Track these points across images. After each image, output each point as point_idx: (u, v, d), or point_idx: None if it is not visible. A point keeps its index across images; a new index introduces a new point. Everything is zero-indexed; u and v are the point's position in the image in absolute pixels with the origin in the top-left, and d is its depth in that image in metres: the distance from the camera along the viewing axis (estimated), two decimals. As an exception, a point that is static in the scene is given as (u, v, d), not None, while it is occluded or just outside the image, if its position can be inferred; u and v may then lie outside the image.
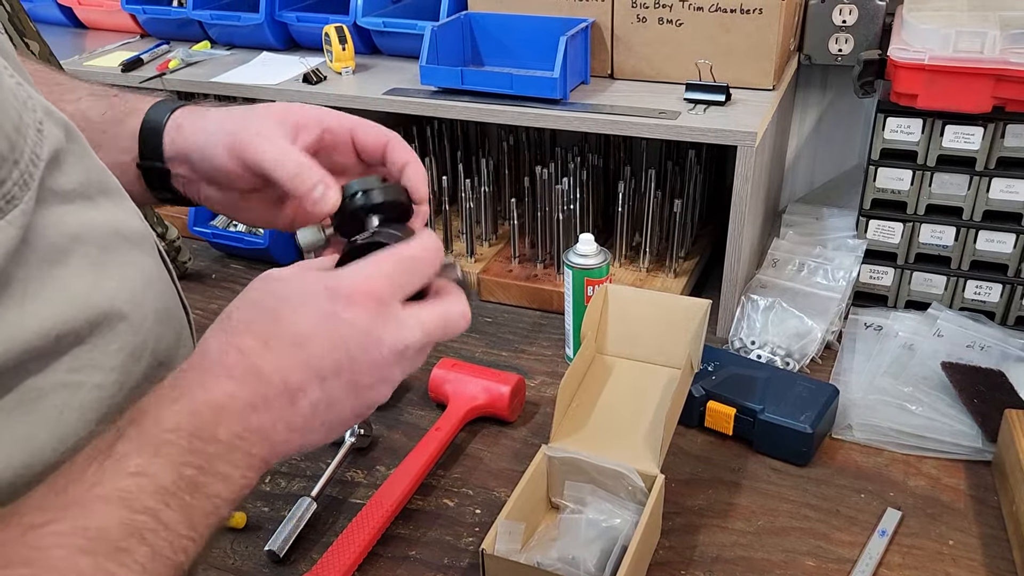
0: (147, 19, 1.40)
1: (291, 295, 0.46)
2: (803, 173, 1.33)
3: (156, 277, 0.50)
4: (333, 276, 0.47)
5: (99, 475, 0.39)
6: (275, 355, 0.44)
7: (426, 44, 1.06)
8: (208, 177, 0.58)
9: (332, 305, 0.45)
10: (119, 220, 0.48)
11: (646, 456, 0.75)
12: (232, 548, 0.78)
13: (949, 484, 0.81)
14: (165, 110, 0.58)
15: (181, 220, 1.29)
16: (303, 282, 0.47)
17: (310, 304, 0.46)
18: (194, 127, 0.57)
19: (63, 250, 0.43)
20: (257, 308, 0.46)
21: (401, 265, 0.48)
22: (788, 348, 0.98)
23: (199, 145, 0.57)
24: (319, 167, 0.54)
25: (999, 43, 0.88)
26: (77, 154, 0.46)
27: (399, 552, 0.77)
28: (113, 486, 0.38)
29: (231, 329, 0.45)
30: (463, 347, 1.05)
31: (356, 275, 0.47)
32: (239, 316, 0.46)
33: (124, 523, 0.38)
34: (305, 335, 0.45)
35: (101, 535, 0.37)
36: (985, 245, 0.99)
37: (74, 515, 0.37)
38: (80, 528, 0.37)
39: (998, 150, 0.94)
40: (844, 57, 1.14)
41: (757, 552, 0.75)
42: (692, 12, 1.02)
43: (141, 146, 0.58)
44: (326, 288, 0.46)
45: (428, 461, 0.84)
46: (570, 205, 1.10)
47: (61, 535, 0.36)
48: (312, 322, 0.45)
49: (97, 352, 0.44)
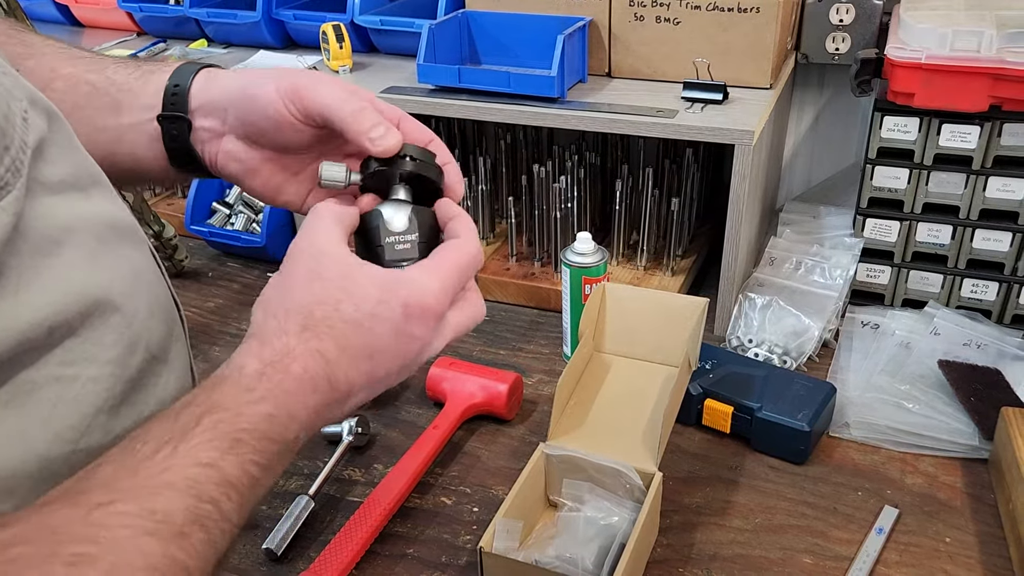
0: (144, 17, 1.39)
1: (375, 310, 0.49)
2: (800, 172, 1.33)
3: (146, 270, 0.50)
4: (408, 289, 0.50)
5: (171, 460, 0.40)
6: (349, 364, 0.48)
7: (423, 42, 1.06)
8: (245, 126, 0.56)
9: (406, 324, 0.49)
10: (111, 213, 0.48)
11: (644, 454, 0.75)
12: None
13: (946, 482, 0.82)
14: (193, 68, 0.58)
15: (178, 218, 1.29)
16: (382, 293, 0.49)
17: (388, 321, 0.49)
18: (231, 76, 0.57)
19: (56, 241, 0.42)
20: (342, 315, 0.48)
21: (461, 273, 0.52)
22: (785, 346, 0.98)
23: (240, 87, 0.56)
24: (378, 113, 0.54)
25: (996, 42, 0.89)
26: (61, 144, 0.45)
27: (397, 550, 0.77)
28: (183, 474, 0.40)
29: (316, 333, 0.47)
30: (461, 345, 1.05)
31: (427, 291, 0.50)
32: (322, 316, 0.48)
33: (189, 509, 0.39)
34: (378, 349, 0.49)
35: (167, 519, 0.38)
36: (982, 244, 1.00)
37: (142, 497, 0.38)
38: (147, 510, 0.38)
39: (995, 149, 0.95)
40: (841, 56, 1.14)
41: (755, 550, 0.75)
42: (690, 11, 1.02)
43: (166, 99, 0.57)
44: (404, 306, 0.49)
45: (426, 459, 0.84)
46: (567, 203, 1.10)
47: (128, 515, 0.37)
48: (387, 340, 0.49)
49: (90, 345, 0.44)
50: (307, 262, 0.50)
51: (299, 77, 0.54)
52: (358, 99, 0.54)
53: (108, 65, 0.59)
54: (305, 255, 0.50)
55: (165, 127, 0.57)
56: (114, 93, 0.57)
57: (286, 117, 0.54)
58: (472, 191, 1.18)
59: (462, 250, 0.53)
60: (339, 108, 0.53)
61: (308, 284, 0.49)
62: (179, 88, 0.57)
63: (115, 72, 0.58)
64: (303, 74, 0.55)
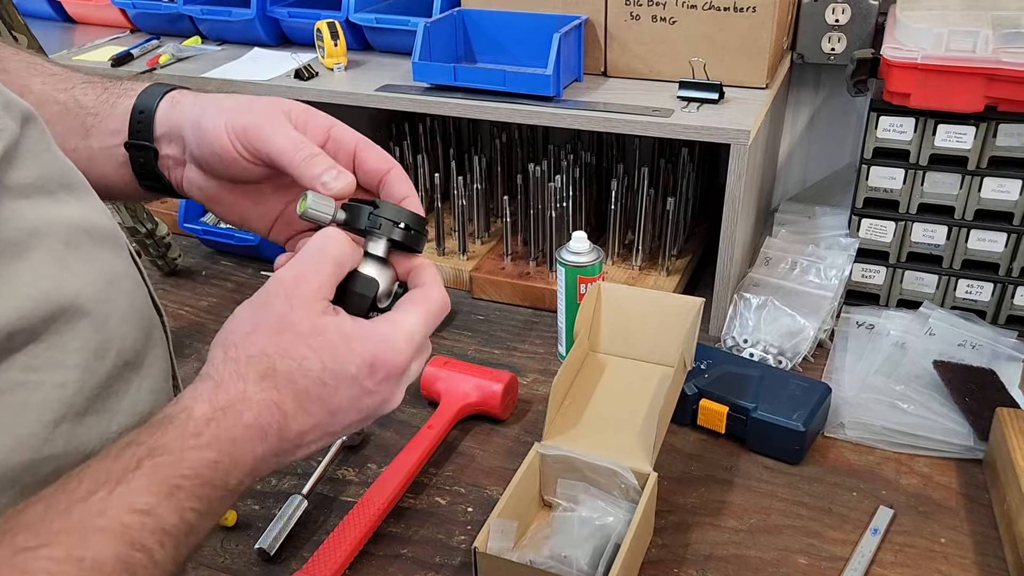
0: (137, 14, 1.39)
1: (344, 369, 0.47)
2: (796, 172, 1.33)
3: (123, 275, 0.49)
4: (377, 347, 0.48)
5: (105, 503, 0.38)
6: (305, 418, 0.47)
7: (419, 40, 1.06)
8: (197, 158, 0.56)
9: (371, 380, 0.48)
10: (83, 217, 0.47)
11: (639, 454, 0.75)
12: (222, 546, 0.77)
13: (941, 482, 0.82)
14: (159, 91, 0.57)
15: (171, 216, 1.28)
16: (351, 351, 0.47)
17: (352, 380, 0.48)
18: (191, 103, 0.56)
19: (21, 244, 0.42)
20: (305, 370, 0.46)
21: (429, 326, 0.51)
22: (780, 346, 0.98)
23: (194, 120, 0.55)
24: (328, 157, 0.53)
25: (991, 42, 0.89)
26: (32, 149, 0.45)
27: (391, 550, 0.77)
28: (118, 519, 0.38)
29: (276, 385, 0.46)
30: (455, 345, 1.05)
31: (396, 348, 0.49)
32: (286, 370, 0.46)
33: (120, 557, 0.38)
34: (338, 407, 0.48)
35: (95, 567, 0.37)
36: (976, 244, 1.00)
37: (71, 542, 0.37)
38: (75, 557, 0.36)
39: (990, 149, 0.95)
40: (837, 56, 1.14)
41: (750, 550, 0.75)
42: (686, 10, 1.02)
43: (132, 126, 0.56)
44: (371, 365, 0.48)
45: (420, 459, 0.83)
46: (563, 203, 1.10)
47: (53, 560, 0.36)
48: (348, 398, 0.48)
49: (56, 350, 0.43)
50: (280, 307, 0.47)
51: (248, 117, 0.53)
52: (307, 145, 0.52)
53: (76, 84, 0.58)
54: (281, 298, 0.48)
55: (132, 154, 0.57)
56: (82, 116, 0.57)
57: (233, 155, 0.54)
58: (467, 190, 1.17)
59: (430, 300, 0.52)
60: (289, 154, 0.52)
61: (276, 333, 0.47)
62: (143, 115, 0.56)
63: (83, 93, 0.58)
64: (253, 113, 0.53)
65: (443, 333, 1.08)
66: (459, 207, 1.16)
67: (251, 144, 0.53)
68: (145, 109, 0.56)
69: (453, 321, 1.10)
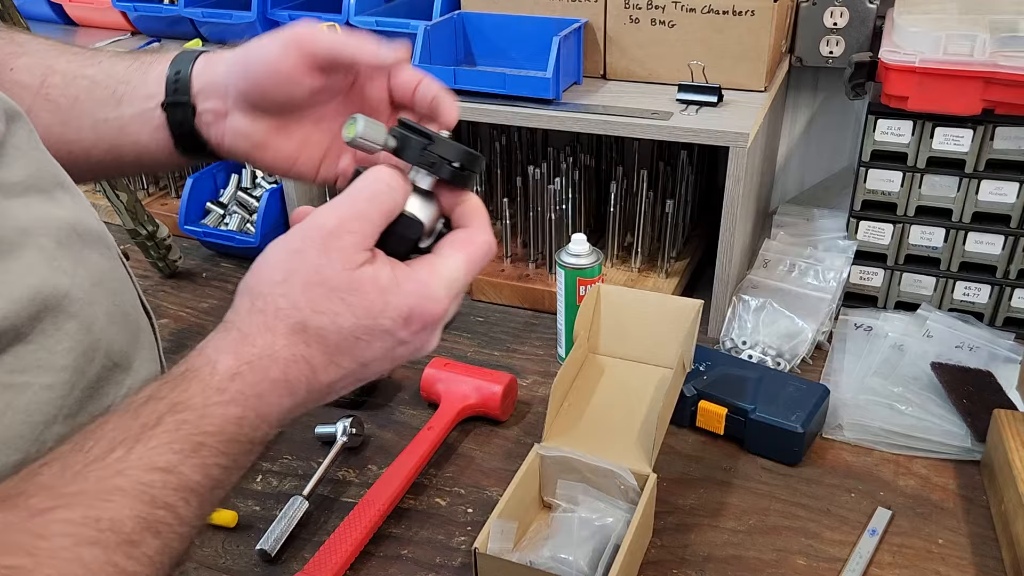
0: (138, 16, 1.39)
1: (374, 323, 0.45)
2: (794, 174, 1.33)
3: (110, 277, 0.49)
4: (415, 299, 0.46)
5: (123, 463, 0.37)
6: (336, 371, 0.45)
7: (419, 43, 1.06)
8: (240, 98, 0.55)
9: (405, 331, 0.46)
10: (74, 217, 0.47)
11: (638, 455, 0.75)
12: (223, 547, 0.78)
13: (938, 483, 0.82)
14: (192, 54, 0.57)
15: (172, 219, 1.29)
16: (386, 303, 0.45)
17: (387, 333, 0.46)
18: (227, 54, 0.56)
19: (13, 243, 0.41)
20: (338, 326, 0.45)
21: (471, 271, 0.49)
22: (779, 348, 0.98)
23: (236, 54, 0.55)
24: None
25: (988, 46, 0.89)
26: (21, 146, 0.44)
27: (391, 551, 0.77)
28: (137, 479, 0.37)
29: (306, 339, 0.44)
30: (455, 346, 1.06)
31: (435, 299, 0.47)
32: (317, 326, 0.44)
33: (140, 516, 0.37)
34: (372, 359, 0.46)
35: (113, 527, 0.36)
36: (974, 247, 1.00)
37: (87, 503, 0.36)
38: (92, 518, 0.35)
39: (987, 152, 0.95)
40: (835, 59, 1.14)
41: (748, 551, 0.75)
42: (684, 13, 1.02)
43: (168, 87, 0.56)
44: (406, 318, 0.46)
45: (420, 460, 0.83)
46: (562, 205, 1.10)
47: (69, 523, 0.35)
48: (381, 350, 0.46)
49: (44, 352, 0.42)
50: (316, 257, 0.44)
51: (301, 29, 0.53)
52: (368, 44, 0.53)
53: (104, 59, 0.58)
54: (317, 247, 0.45)
55: (170, 114, 0.56)
56: (113, 85, 0.57)
57: (289, 70, 0.53)
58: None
59: (474, 243, 0.49)
60: (344, 43, 0.52)
61: (309, 286, 0.44)
62: (180, 75, 0.56)
63: (112, 65, 0.58)
64: (303, 25, 0.54)
65: (443, 334, 1.08)
66: (459, 209, 1.16)
67: (306, 47, 0.52)
68: (181, 69, 0.56)
69: (453, 323, 1.10)
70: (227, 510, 0.80)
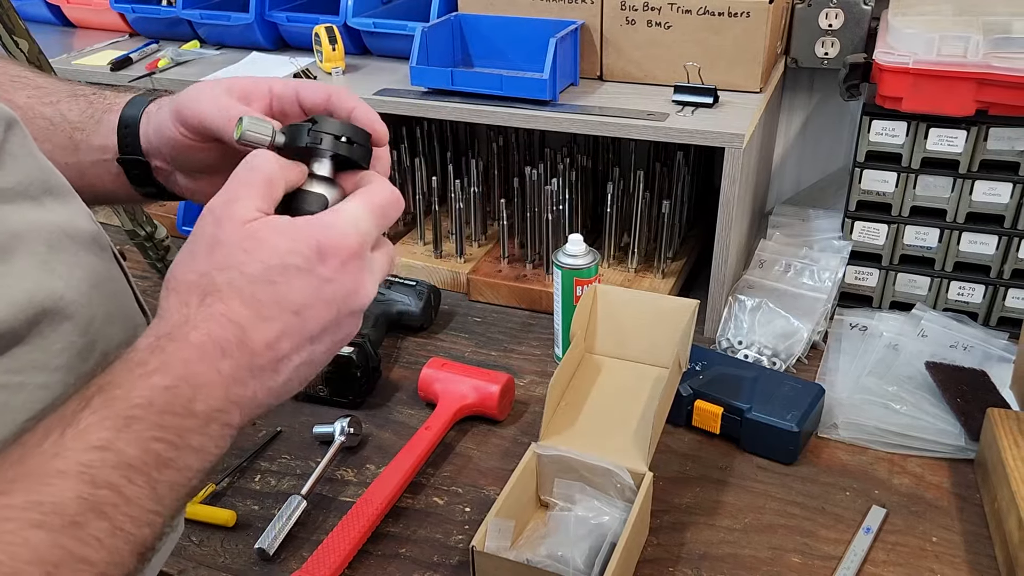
0: (136, 18, 1.39)
1: (285, 260, 0.44)
2: (789, 175, 1.34)
3: (106, 278, 0.49)
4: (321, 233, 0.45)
5: (59, 446, 0.37)
6: (269, 325, 0.44)
7: (416, 45, 1.07)
8: (176, 162, 0.57)
9: (324, 267, 0.45)
10: (66, 220, 0.47)
11: (635, 454, 0.75)
12: (222, 546, 0.78)
13: (933, 482, 0.82)
14: (141, 103, 0.57)
15: (170, 220, 1.29)
16: (291, 242, 0.45)
17: (302, 271, 0.44)
18: (156, 109, 0.57)
19: (5, 248, 0.42)
20: (247, 275, 0.44)
21: (377, 210, 0.48)
22: (775, 348, 0.99)
23: (157, 125, 0.56)
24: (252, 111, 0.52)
25: (982, 47, 0.90)
26: (14, 153, 0.45)
27: (389, 550, 0.77)
28: (74, 459, 0.37)
29: (220, 296, 0.43)
30: (452, 346, 1.06)
31: (342, 229, 0.46)
32: (226, 280, 0.43)
33: (83, 497, 0.36)
34: (301, 303, 0.45)
35: (56, 509, 0.35)
36: (968, 247, 1.01)
37: (27, 488, 0.36)
38: (34, 502, 0.35)
39: (981, 153, 0.96)
40: (830, 60, 1.15)
41: (744, 549, 0.76)
42: (680, 15, 1.03)
43: (120, 141, 0.57)
44: (317, 248, 0.45)
45: (418, 460, 0.84)
46: (559, 206, 1.10)
47: (12, 508, 0.35)
48: (306, 290, 0.45)
49: (39, 353, 0.42)
50: (209, 228, 0.45)
51: (183, 99, 0.53)
52: (233, 108, 0.52)
53: (62, 98, 0.58)
54: (210, 221, 0.45)
55: (126, 167, 0.58)
56: (69, 131, 0.57)
57: (179, 139, 0.54)
58: (464, 193, 1.18)
59: (372, 191, 0.49)
60: (215, 117, 0.52)
61: (209, 253, 0.44)
62: (129, 129, 0.57)
63: (68, 108, 0.58)
64: (190, 94, 0.54)
65: (440, 335, 1.09)
66: (456, 210, 1.17)
67: (187, 122, 0.53)
68: (130, 123, 0.57)
69: (450, 323, 1.11)
70: (226, 509, 0.80)
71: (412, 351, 1.06)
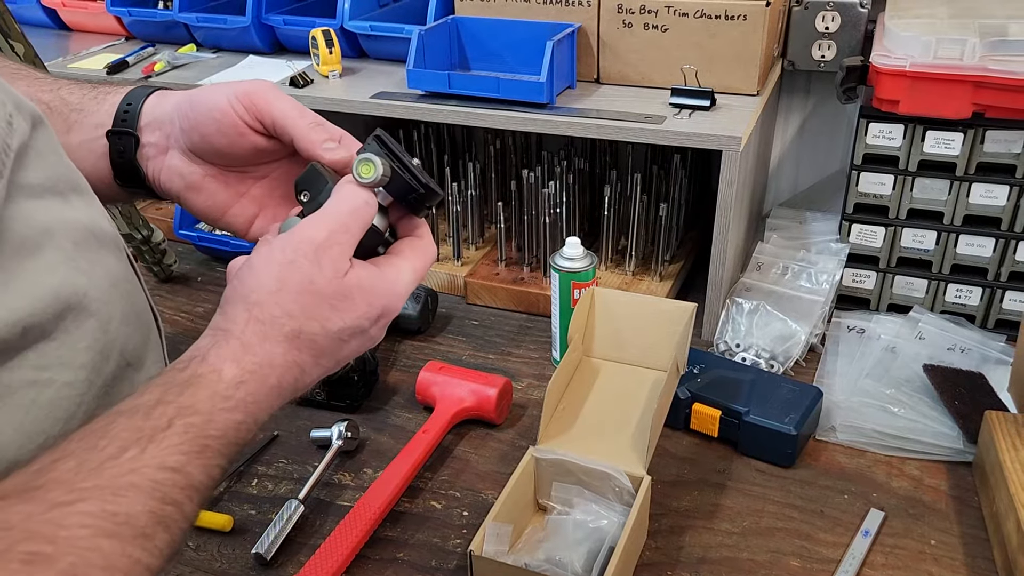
0: (132, 21, 1.39)
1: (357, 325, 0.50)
2: (787, 178, 1.34)
3: (123, 278, 0.50)
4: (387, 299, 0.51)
5: (137, 461, 0.40)
6: (318, 371, 0.50)
7: (413, 48, 1.07)
8: (183, 138, 0.57)
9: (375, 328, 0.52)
10: (90, 219, 0.48)
11: (632, 458, 0.75)
12: (219, 551, 0.78)
13: (931, 485, 0.82)
14: (148, 89, 0.59)
15: (167, 223, 1.29)
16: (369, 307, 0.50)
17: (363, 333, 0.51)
18: (180, 94, 0.58)
19: (35, 243, 0.43)
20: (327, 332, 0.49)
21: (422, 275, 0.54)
22: (772, 351, 0.99)
23: (188, 98, 0.56)
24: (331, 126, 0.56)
25: (979, 50, 0.90)
26: (41, 150, 0.45)
27: (387, 554, 0.77)
28: (149, 476, 0.40)
29: (300, 343, 0.48)
30: (450, 350, 1.06)
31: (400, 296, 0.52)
32: (310, 331, 0.48)
33: (152, 512, 0.39)
34: (346, 356, 0.51)
35: (129, 520, 0.38)
36: (965, 249, 1.01)
37: (103, 497, 0.38)
38: (109, 512, 0.37)
39: (978, 155, 0.96)
40: (827, 63, 1.15)
41: (742, 553, 0.76)
42: (677, 18, 1.03)
43: (117, 117, 0.57)
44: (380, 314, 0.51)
45: (415, 463, 0.84)
46: (556, 209, 1.10)
47: (88, 515, 0.37)
48: (356, 347, 0.51)
49: (65, 349, 0.44)
50: (308, 268, 0.48)
51: (252, 85, 0.56)
52: (310, 113, 0.56)
53: (63, 85, 0.59)
54: (309, 259, 0.48)
55: (112, 143, 0.58)
56: (66, 113, 0.58)
57: (234, 119, 0.55)
58: (461, 196, 1.18)
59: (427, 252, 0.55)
60: (295, 120, 0.55)
61: (302, 295, 0.48)
62: (131, 107, 0.58)
63: (69, 92, 0.59)
64: (258, 83, 0.56)
65: (438, 338, 1.09)
66: (453, 213, 1.17)
67: (255, 106, 0.55)
68: (133, 102, 0.58)
69: (448, 326, 1.11)
70: (222, 514, 0.80)
71: (409, 354, 1.06)
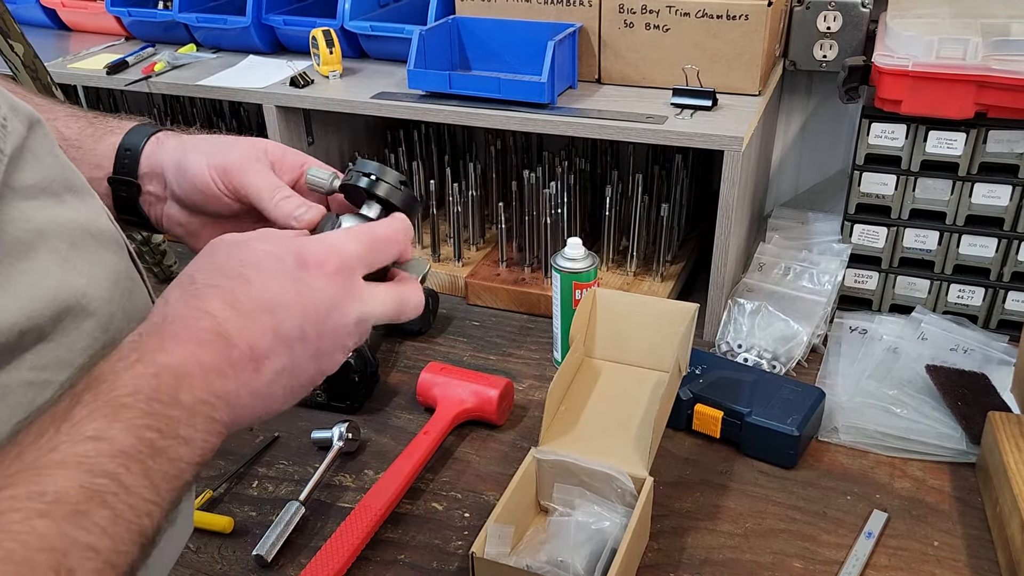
0: (132, 21, 1.39)
1: (261, 260, 0.47)
2: (788, 178, 1.34)
3: (124, 276, 0.50)
4: (303, 242, 0.49)
5: (55, 440, 0.38)
6: (244, 320, 0.45)
7: (414, 48, 1.06)
8: (179, 196, 0.60)
9: (302, 272, 0.47)
10: (87, 218, 0.48)
11: (635, 459, 0.75)
12: (220, 553, 0.77)
13: (934, 486, 0.82)
14: (146, 132, 0.61)
15: (166, 224, 1.29)
16: (272, 247, 0.48)
17: (281, 271, 0.47)
18: (175, 144, 0.60)
19: (29, 245, 0.42)
20: (224, 273, 0.47)
21: (372, 242, 0.51)
22: (774, 351, 0.98)
23: (177, 160, 0.59)
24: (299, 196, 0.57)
25: (981, 50, 0.90)
26: (36, 151, 0.45)
27: (388, 556, 0.77)
28: (70, 451, 0.38)
29: (196, 292, 0.46)
30: (451, 351, 1.06)
31: (326, 244, 0.49)
32: (204, 279, 0.46)
33: (83, 487, 0.37)
34: (275, 302, 0.46)
35: (59, 499, 0.36)
36: (968, 249, 1.01)
37: (29, 480, 0.36)
38: (36, 493, 0.36)
39: (980, 155, 0.96)
40: (829, 63, 1.15)
41: (745, 554, 0.76)
42: (679, 18, 1.03)
43: (117, 162, 0.60)
44: (296, 255, 0.48)
45: (416, 465, 0.83)
46: (557, 209, 1.10)
47: (16, 499, 0.36)
48: (283, 289, 0.47)
49: (64, 350, 0.43)
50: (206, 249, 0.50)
51: (229, 158, 0.58)
52: (281, 187, 0.57)
53: (60, 116, 0.61)
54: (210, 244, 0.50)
55: (115, 188, 0.60)
56: (64, 148, 0.58)
57: (215, 192, 0.58)
58: (462, 196, 1.18)
59: (382, 223, 0.54)
60: (265, 194, 0.57)
61: (195, 263, 0.48)
62: (130, 152, 0.60)
63: (66, 126, 0.60)
64: (234, 154, 0.58)
65: (438, 339, 1.08)
66: (454, 213, 1.17)
67: (231, 183, 0.58)
68: (132, 147, 0.60)
69: (449, 327, 1.11)
70: (223, 516, 0.80)
71: (410, 355, 1.05)
